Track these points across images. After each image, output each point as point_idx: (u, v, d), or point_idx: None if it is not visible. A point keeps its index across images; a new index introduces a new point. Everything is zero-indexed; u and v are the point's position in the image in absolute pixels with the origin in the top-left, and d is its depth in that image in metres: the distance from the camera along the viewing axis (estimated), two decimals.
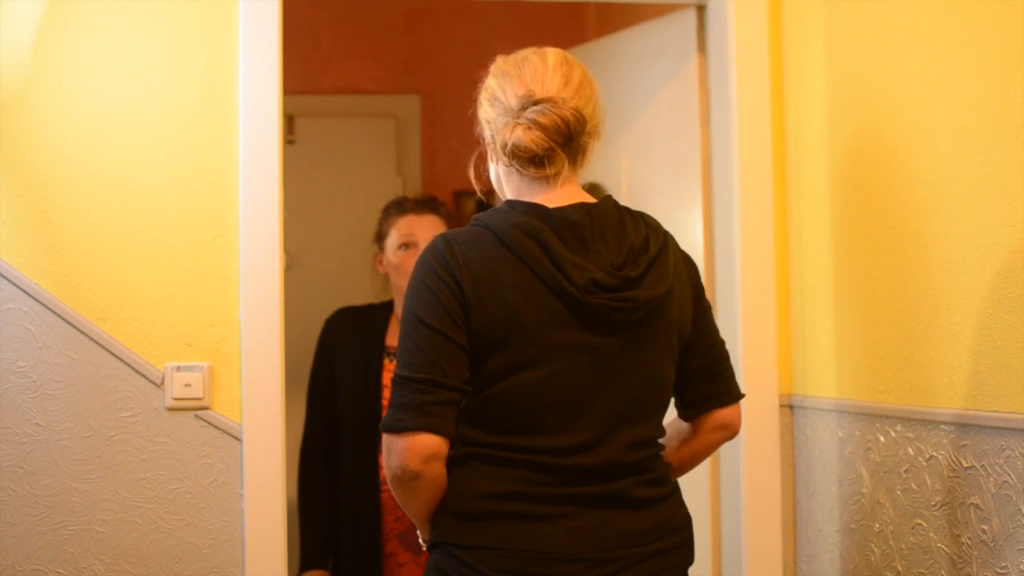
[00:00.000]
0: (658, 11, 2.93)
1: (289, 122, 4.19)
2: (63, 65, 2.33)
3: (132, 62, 2.35)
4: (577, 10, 4.36)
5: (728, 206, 2.64)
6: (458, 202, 4.47)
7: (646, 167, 2.95)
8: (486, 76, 1.82)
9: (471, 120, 1.84)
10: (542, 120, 1.70)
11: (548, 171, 1.73)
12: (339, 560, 2.88)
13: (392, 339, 2.87)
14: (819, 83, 2.48)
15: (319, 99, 4.37)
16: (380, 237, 2.93)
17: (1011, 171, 1.86)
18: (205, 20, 2.38)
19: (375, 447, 2.78)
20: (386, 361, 2.85)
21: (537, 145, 1.71)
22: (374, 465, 2.78)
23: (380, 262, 2.94)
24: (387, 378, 2.83)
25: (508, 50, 1.84)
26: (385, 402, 2.79)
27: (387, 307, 2.94)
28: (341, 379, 2.88)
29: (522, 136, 1.71)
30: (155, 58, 2.36)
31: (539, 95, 1.72)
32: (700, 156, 2.74)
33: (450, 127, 4.32)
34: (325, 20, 4.40)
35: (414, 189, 4.33)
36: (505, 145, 1.73)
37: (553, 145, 1.72)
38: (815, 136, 2.50)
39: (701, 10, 2.75)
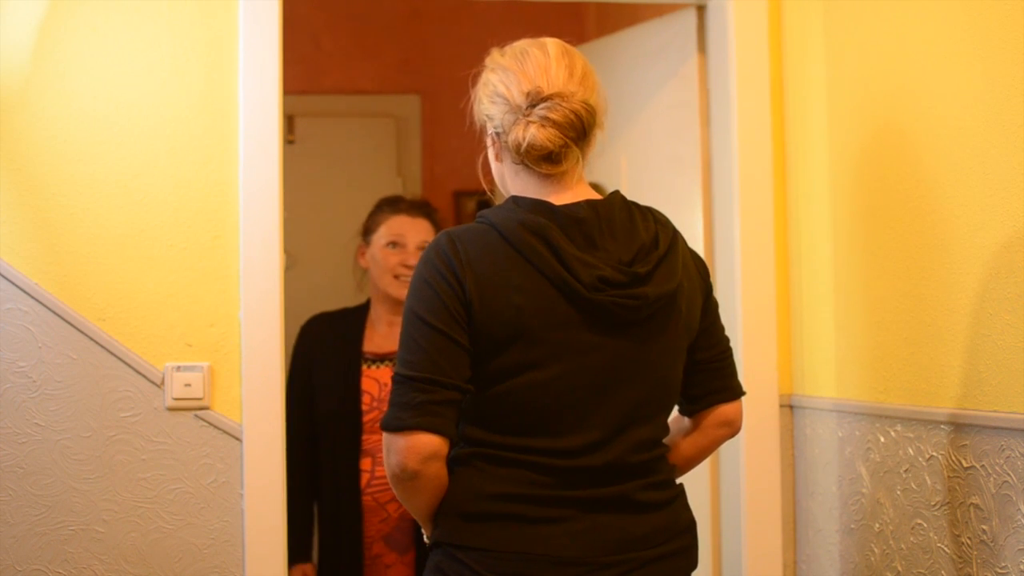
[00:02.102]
0: (658, 11, 2.93)
1: (289, 122, 4.19)
2: (63, 66, 2.33)
3: (132, 62, 2.35)
4: (577, 10, 4.37)
5: (728, 206, 2.64)
6: (458, 202, 4.47)
7: (646, 167, 2.95)
8: (482, 71, 1.79)
9: (472, 119, 1.83)
10: (554, 116, 1.68)
11: (563, 167, 1.71)
12: (323, 565, 2.88)
13: (369, 344, 2.86)
14: (819, 83, 2.48)
15: (319, 99, 4.37)
16: (368, 231, 2.91)
17: (1011, 171, 1.86)
18: (205, 20, 2.38)
19: (355, 453, 2.78)
20: (364, 367, 2.83)
21: (552, 143, 1.68)
22: (355, 471, 2.78)
23: (363, 255, 2.92)
24: (366, 384, 2.82)
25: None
26: (365, 407, 2.80)
27: (362, 311, 2.92)
28: (320, 387, 2.85)
29: (537, 134, 1.68)
30: (155, 58, 2.36)
31: (547, 91, 1.69)
32: (700, 156, 2.74)
33: (450, 127, 4.32)
34: (325, 20, 4.40)
35: (414, 189, 4.33)
36: (519, 144, 1.70)
37: (568, 141, 1.69)
38: (815, 136, 2.50)
39: (701, 10, 2.75)
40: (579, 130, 1.70)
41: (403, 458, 1.63)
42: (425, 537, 1.78)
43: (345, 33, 4.44)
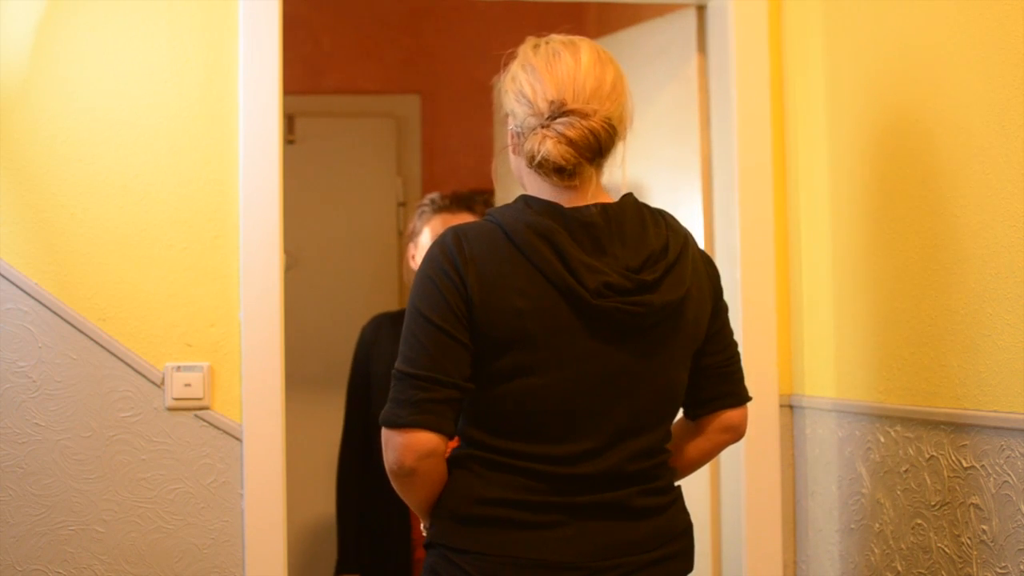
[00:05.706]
0: (658, 11, 2.93)
1: (289, 122, 4.19)
2: (63, 65, 2.33)
3: (132, 62, 2.35)
4: (577, 10, 4.36)
5: (728, 206, 2.64)
6: None
7: (646, 167, 2.95)
8: (513, 59, 1.75)
9: (471, 120, 1.82)
10: (571, 134, 1.64)
11: (575, 181, 1.69)
12: (371, 562, 2.89)
13: None
14: (819, 83, 2.48)
15: (319, 99, 4.37)
16: (413, 235, 2.91)
17: (1011, 171, 1.86)
18: (205, 20, 2.38)
19: None
20: None
21: (566, 161, 1.65)
22: None
23: (413, 258, 2.93)
24: None
25: (507, 50, 1.78)
26: None
27: None
28: (375, 386, 2.88)
29: (551, 150, 1.65)
30: (155, 58, 2.36)
31: (570, 104, 1.65)
32: (700, 156, 2.74)
33: (450, 127, 4.31)
34: (325, 20, 4.40)
35: (414, 189, 4.33)
36: (532, 156, 1.67)
37: (582, 160, 1.67)
38: (815, 136, 2.50)
39: (701, 10, 2.75)
40: (595, 150, 1.67)
41: (400, 455, 1.63)
42: (423, 530, 1.78)
43: (345, 33, 4.44)
